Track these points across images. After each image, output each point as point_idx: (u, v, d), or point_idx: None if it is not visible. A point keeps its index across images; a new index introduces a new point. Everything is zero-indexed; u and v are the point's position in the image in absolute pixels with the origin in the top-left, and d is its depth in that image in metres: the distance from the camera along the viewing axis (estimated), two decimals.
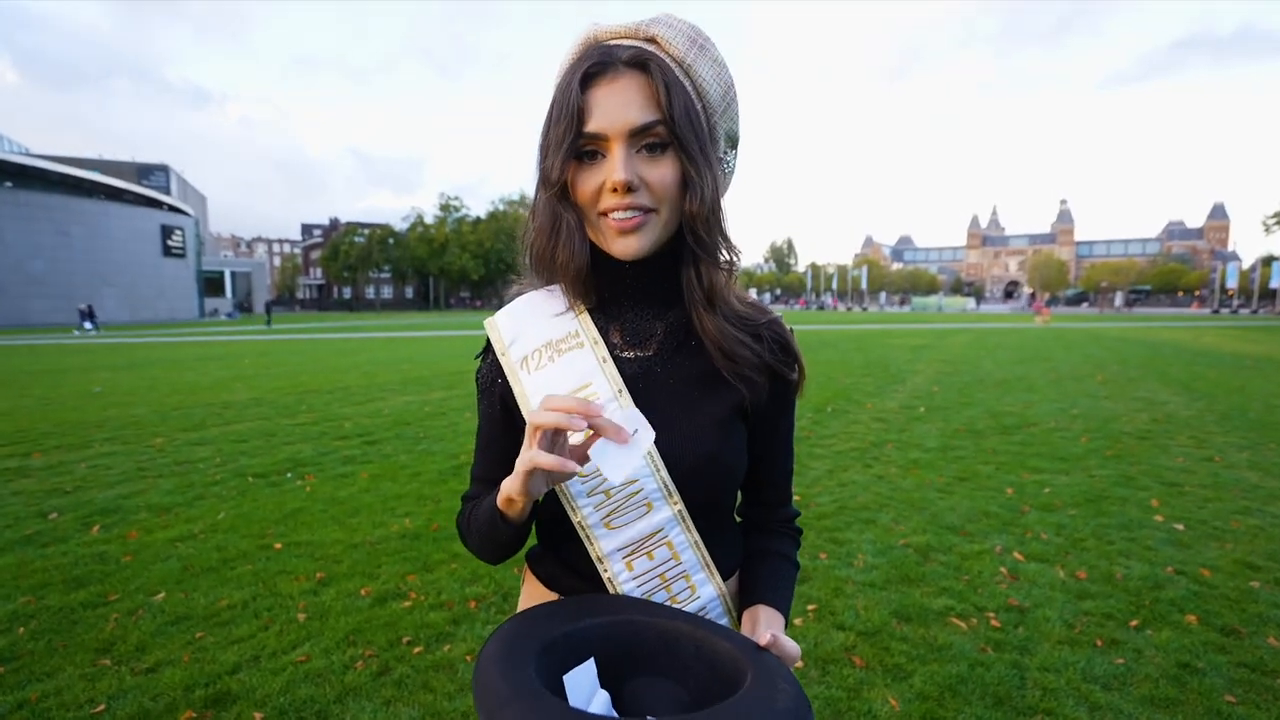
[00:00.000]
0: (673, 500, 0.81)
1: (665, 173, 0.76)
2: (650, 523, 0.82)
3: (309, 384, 10.63)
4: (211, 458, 5.75)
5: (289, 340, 23.10)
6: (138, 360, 15.44)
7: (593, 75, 0.75)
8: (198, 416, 7.74)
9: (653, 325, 0.85)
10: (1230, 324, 32.75)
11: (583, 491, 0.81)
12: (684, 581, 0.84)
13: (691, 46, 0.78)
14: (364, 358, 15.51)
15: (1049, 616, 2.89)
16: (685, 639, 0.73)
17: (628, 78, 0.75)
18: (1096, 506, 4.35)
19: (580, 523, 0.82)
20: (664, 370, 0.85)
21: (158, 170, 66.89)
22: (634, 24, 0.80)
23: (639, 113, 0.74)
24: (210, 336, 26.00)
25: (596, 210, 0.78)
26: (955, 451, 5.84)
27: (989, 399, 8.73)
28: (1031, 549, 3.64)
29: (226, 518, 4.21)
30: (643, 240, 0.77)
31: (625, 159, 0.74)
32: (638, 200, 0.75)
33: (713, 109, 0.80)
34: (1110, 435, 6.48)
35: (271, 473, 5.26)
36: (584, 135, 0.75)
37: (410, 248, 75.62)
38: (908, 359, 14.24)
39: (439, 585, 3.22)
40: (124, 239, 42.72)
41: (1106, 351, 16.09)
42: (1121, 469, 5.25)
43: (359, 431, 6.80)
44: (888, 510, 4.29)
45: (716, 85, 0.79)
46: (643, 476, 0.80)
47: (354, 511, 4.31)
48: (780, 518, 0.97)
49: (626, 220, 0.76)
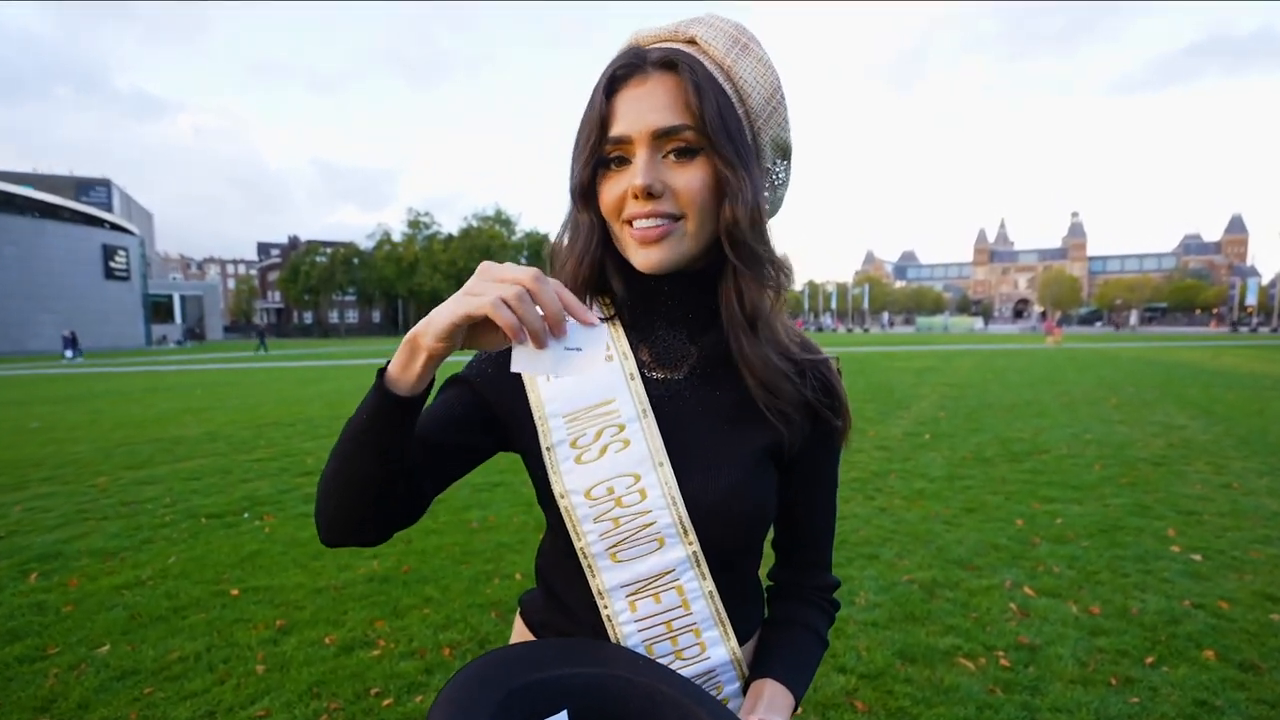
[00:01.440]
0: (688, 539, 0.78)
1: (693, 177, 0.74)
2: (661, 561, 0.79)
3: (267, 416, 10.58)
4: (161, 497, 5.71)
5: (245, 369, 22.94)
6: (78, 392, 15.28)
7: (620, 78, 0.76)
8: (145, 453, 7.69)
9: (686, 347, 0.84)
10: (1250, 343, 33.36)
11: (589, 516, 0.79)
12: (692, 636, 0.81)
13: (733, 46, 0.78)
14: (328, 387, 15.45)
15: (1061, 654, 2.94)
16: (670, 707, 0.71)
17: (656, 79, 0.75)
18: (1110, 537, 4.42)
19: (583, 549, 0.80)
20: (693, 396, 0.83)
21: (98, 185, 66.15)
22: (674, 25, 0.80)
23: (664, 114, 0.74)
24: (159, 366, 25.76)
25: (620, 220, 0.77)
26: (962, 481, 5.92)
27: (998, 425, 8.85)
28: (1043, 583, 3.70)
29: (177, 562, 4.18)
30: (665, 252, 0.76)
31: (648, 162, 0.74)
32: (661, 207, 0.74)
33: (756, 114, 0.79)
34: (1125, 462, 6.60)
35: (227, 513, 5.23)
36: (608, 140, 0.75)
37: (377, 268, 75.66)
38: (912, 383, 14.40)
39: (410, 632, 3.22)
40: (61, 260, 42.45)
41: (1121, 373, 16.36)
42: (1136, 497, 5.34)
43: (322, 467, 6.74)
44: (891, 544, 4.34)
45: (760, 88, 0.79)
46: (657, 509, 0.78)
47: (317, 554, 4.29)
48: (814, 584, 0.92)
49: (648, 229, 0.75)
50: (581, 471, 0.80)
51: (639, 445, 0.79)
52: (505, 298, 0.60)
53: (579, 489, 0.79)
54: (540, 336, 0.61)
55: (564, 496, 0.80)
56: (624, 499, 0.79)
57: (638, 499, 0.79)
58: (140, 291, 51.10)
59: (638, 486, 0.79)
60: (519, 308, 0.60)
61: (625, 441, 0.80)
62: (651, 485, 0.78)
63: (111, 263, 47.00)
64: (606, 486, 0.79)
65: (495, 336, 0.64)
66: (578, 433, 0.81)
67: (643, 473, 0.79)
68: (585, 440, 0.81)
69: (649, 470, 0.79)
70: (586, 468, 0.80)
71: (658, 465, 0.79)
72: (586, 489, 0.79)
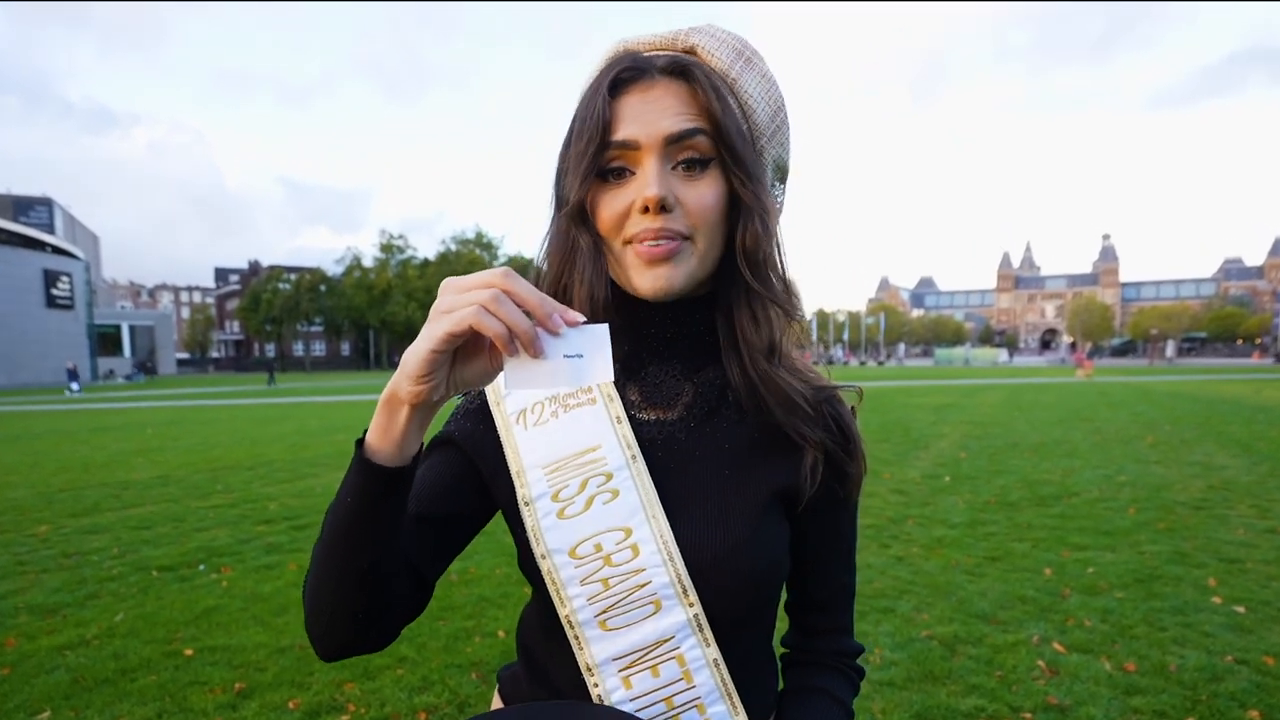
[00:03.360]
0: (688, 601, 0.75)
1: (705, 193, 0.73)
2: (657, 628, 0.75)
3: (225, 458, 10.56)
4: (107, 548, 5.68)
5: (200, 407, 22.88)
6: (16, 432, 15.20)
7: (625, 81, 0.74)
8: (91, 499, 7.66)
9: (679, 385, 0.82)
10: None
11: (575, 578, 0.76)
12: (696, 714, 0.77)
13: (737, 59, 0.78)
14: (291, 426, 15.41)
15: (1093, 715, 2.96)
16: None
17: (665, 84, 0.74)
18: (1147, 588, 4.45)
19: (568, 616, 0.76)
20: (689, 438, 0.81)
21: (39, 205, 65.45)
22: (670, 34, 0.80)
23: (678, 119, 0.73)
24: (106, 403, 25.66)
25: (621, 238, 0.75)
26: (986, 527, 5.96)
27: (1024, 466, 8.90)
28: (1073, 638, 3.72)
29: (126, 619, 4.16)
30: (675, 273, 0.74)
31: (659, 172, 0.72)
32: (671, 224, 0.72)
33: (759, 131, 0.79)
34: (1162, 505, 6.64)
35: (180, 565, 5.21)
36: (611, 145, 0.73)
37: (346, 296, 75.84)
38: (930, 421, 14.47)
39: (382, 695, 3.22)
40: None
41: (1157, 409, 16.48)
42: (1175, 544, 5.38)
43: (286, 514, 6.77)
44: (908, 597, 4.36)
45: (765, 105, 0.79)
46: (651, 567, 0.75)
47: (280, 609, 4.29)
48: (833, 649, 0.88)
49: (657, 247, 0.72)
50: (565, 527, 0.77)
51: (629, 495, 0.77)
52: (483, 303, 0.56)
53: (562, 547, 0.77)
54: (532, 340, 0.57)
55: (545, 557, 0.77)
56: (614, 557, 0.76)
57: (629, 556, 0.75)
58: (85, 321, 51.17)
59: (629, 542, 0.76)
60: (501, 311, 0.56)
61: (613, 492, 0.77)
62: (645, 540, 0.76)
63: (53, 290, 47.07)
64: (594, 543, 0.76)
65: (481, 362, 0.62)
66: (560, 484, 0.79)
67: (634, 526, 0.76)
68: (568, 492, 0.78)
69: (641, 523, 0.76)
70: (571, 523, 0.77)
71: (651, 517, 0.76)
72: (571, 547, 0.76)
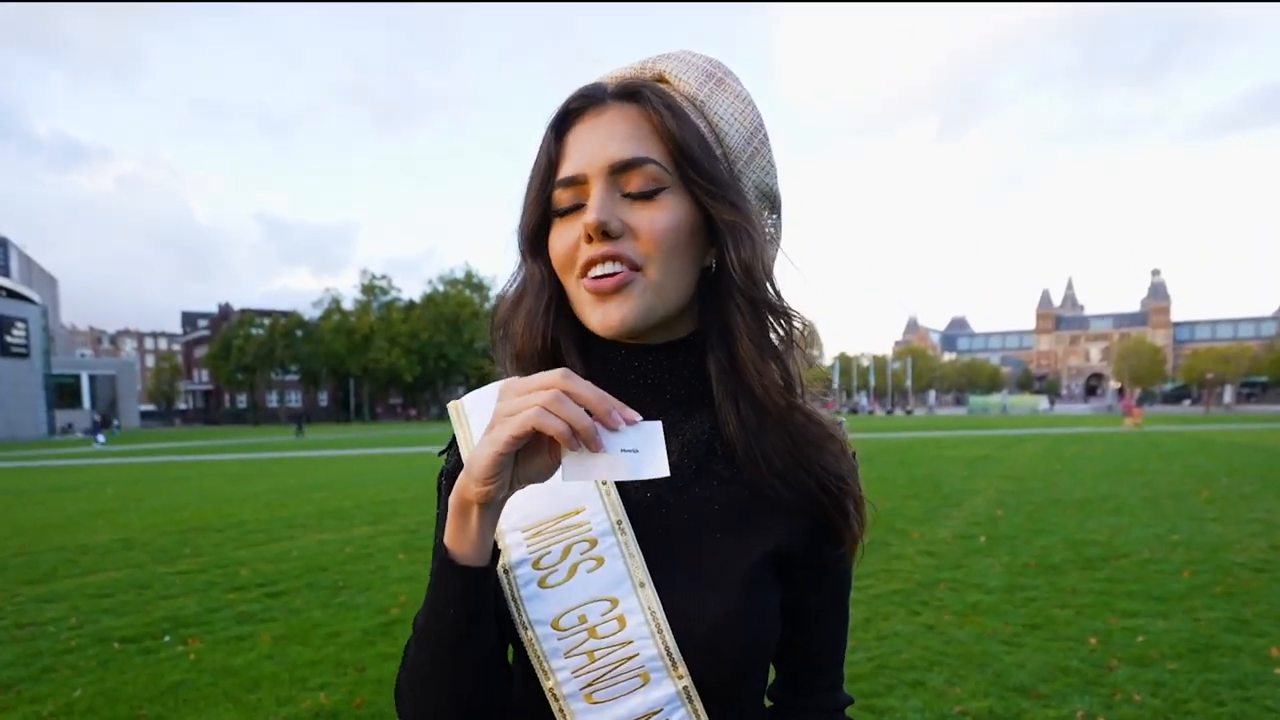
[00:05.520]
0: (677, 673, 0.77)
1: (657, 217, 0.75)
2: (646, 700, 0.77)
3: (193, 520, 10.58)
4: (65, 617, 5.70)
5: (166, 464, 22.91)
6: None
7: (575, 112, 0.78)
8: (47, 564, 7.68)
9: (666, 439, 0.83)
10: None
11: (559, 650, 0.78)
12: None
13: (706, 80, 0.80)
14: (266, 485, 15.44)
15: None
16: None
17: (615, 110, 0.77)
18: (1203, 658, 4.44)
19: (552, 689, 0.78)
20: (677, 500, 0.83)
21: None
22: (640, 64, 0.83)
23: (624, 145, 0.75)
24: (64, 460, 25.70)
25: (574, 275, 0.78)
26: (1025, 592, 5.94)
27: (1067, 524, 8.88)
28: (1122, 713, 3.71)
29: (84, 695, 4.17)
30: (626, 307, 0.76)
31: (603, 196, 0.74)
32: (618, 249, 0.74)
33: (735, 154, 0.81)
34: (1219, 567, 6.62)
35: (144, 636, 5.22)
36: (557, 185, 0.77)
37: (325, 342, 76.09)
38: (964, 475, 14.44)
39: None
40: None
41: (1214, 461, 16.41)
42: (1233, 610, 5.36)
43: (259, 580, 6.79)
44: (940, 669, 4.35)
45: (738, 126, 0.81)
46: (639, 639, 0.77)
47: (253, 684, 4.29)
48: (823, 705, 0.92)
49: (602, 280, 0.75)
50: (548, 598, 0.79)
51: (615, 563, 0.79)
52: (545, 404, 0.62)
53: (545, 619, 0.78)
54: (592, 436, 0.62)
55: (527, 628, 0.78)
56: (599, 629, 0.78)
57: (616, 628, 0.78)
58: (42, 371, 51.38)
59: (615, 613, 0.78)
60: (562, 411, 0.62)
61: (598, 559, 0.79)
62: (632, 611, 0.78)
63: (8, 336, 47.45)
64: (578, 614, 0.78)
65: (542, 458, 0.67)
66: (541, 550, 0.81)
67: (620, 596, 0.78)
68: (550, 560, 0.80)
69: (628, 593, 0.78)
70: (553, 592, 0.79)
71: (638, 586, 0.78)
72: (554, 618, 0.78)
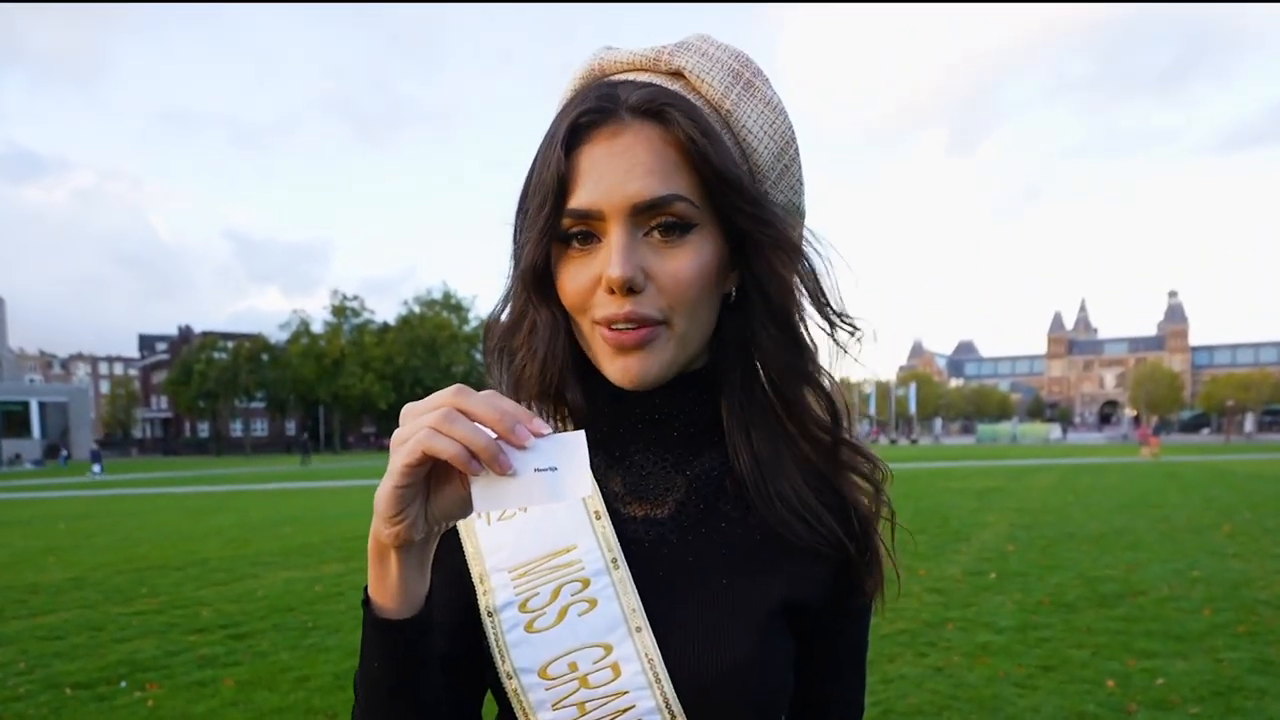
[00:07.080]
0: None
1: (683, 266, 0.71)
2: None
3: (151, 557, 10.50)
4: (13, 662, 5.65)
5: (120, 496, 22.72)
6: None
7: (585, 127, 0.71)
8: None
9: (670, 477, 0.82)
10: None
11: (546, 701, 0.75)
12: None
13: (734, 84, 0.75)
14: (229, 519, 15.34)
15: None
16: None
17: (634, 132, 0.70)
18: (1225, 701, 4.46)
19: None
20: (681, 541, 0.80)
21: None
22: (654, 51, 0.77)
23: (649, 181, 0.69)
24: (10, 493, 25.45)
25: (589, 318, 0.74)
26: (1038, 632, 5.96)
27: (1081, 560, 8.91)
28: None
29: None
30: (649, 363, 0.73)
31: (625, 246, 0.69)
32: (640, 308, 0.70)
33: (762, 173, 0.77)
34: (1242, 605, 6.66)
35: (98, 681, 5.18)
36: (567, 213, 0.71)
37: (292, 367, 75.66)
38: (972, 508, 14.47)
39: None
40: None
41: (1235, 493, 16.52)
42: (1257, 650, 5.38)
43: (222, 622, 6.74)
44: (949, 714, 4.36)
45: (769, 140, 0.76)
46: (635, 690, 0.74)
47: None
48: None
49: (624, 334, 0.71)
50: (535, 643, 0.76)
51: (609, 606, 0.76)
52: (434, 425, 0.58)
53: (531, 666, 0.76)
54: (495, 456, 0.59)
55: (512, 676, 0.76)
56: (591, 677, 0.75)
57: (609, 676, 0.75)
58: None
59: (609, 660, 0.75)
60: (454, 430, 0.58)
61: (591, 601, 0.77)
62: (627, 658, 0.75)
63: None
64: (568, 662, 0.76)
65: (453, 488, 0.63)
66: (528, 591, 0.78)
67: (615, 642, 0.75)
68: (538, 601, 0.77)
69: (623, 639, 0.75)
70: (540, 637, 0.76)
71: (634, 631, 0.75)
72: (541, 666, 0.76)
